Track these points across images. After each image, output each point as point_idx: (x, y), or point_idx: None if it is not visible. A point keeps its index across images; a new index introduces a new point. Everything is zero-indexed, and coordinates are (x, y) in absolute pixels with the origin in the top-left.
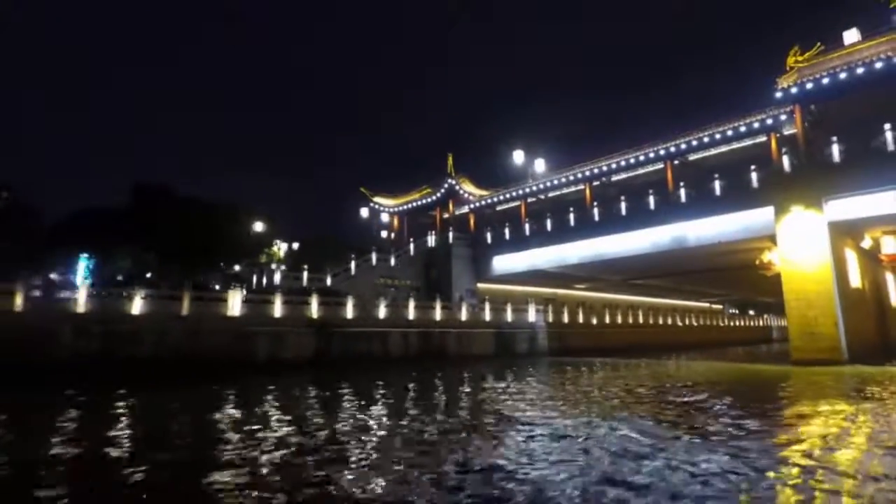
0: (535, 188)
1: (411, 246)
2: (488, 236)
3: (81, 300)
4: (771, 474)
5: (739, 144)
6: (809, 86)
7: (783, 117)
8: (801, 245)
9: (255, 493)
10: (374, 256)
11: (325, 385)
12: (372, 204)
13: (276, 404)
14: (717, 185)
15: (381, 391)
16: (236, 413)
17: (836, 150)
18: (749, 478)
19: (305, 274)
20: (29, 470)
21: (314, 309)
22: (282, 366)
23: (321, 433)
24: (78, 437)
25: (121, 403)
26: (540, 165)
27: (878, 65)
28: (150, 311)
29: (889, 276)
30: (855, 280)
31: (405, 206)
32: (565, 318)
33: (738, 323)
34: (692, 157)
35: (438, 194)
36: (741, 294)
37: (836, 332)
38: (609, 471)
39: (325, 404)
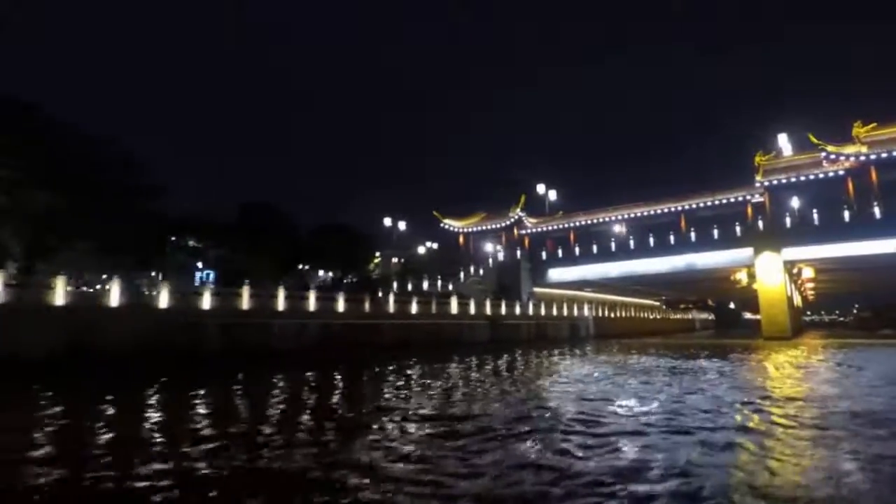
0: (582, 222)
1: (490, 260)
2: (543, 254)
3: (392, 303)
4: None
5: (728, 205)
6: (775, 182)
7: (757, 195)
8: (769, 273)
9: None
10: (472, 269)
11: (518, 354)
12: (443, 224)
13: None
14: (715, 232)
15: (556, 355)
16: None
17: (788, 221)
18: (750, 366)
19: (439, 281)
20: None
21: (488, 307)
22: (475, 345)
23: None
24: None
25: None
26: (552, 195)
27: (811, 177)
28: (419, 311)
29: (794, 288)
30: (790, 292)
31: (472, 229)
32: (601, 314)
33: (676, 316)
34: (696, 209)
35: (508, 222)
36: (701, 296)
37: (786, 321)
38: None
39: (529, 362)
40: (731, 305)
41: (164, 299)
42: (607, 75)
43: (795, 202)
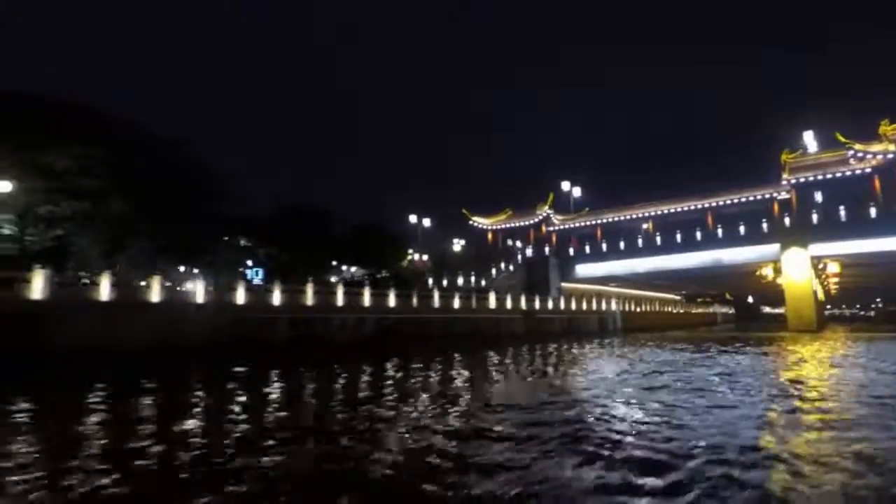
0: (609, 219)
1: (519, 257)
2: (570, 250)
3: (437, 299)
4: (786, 353)
5: (754, 202)
6: (802, 180)
7: (784, 192)
8: (796, 268)
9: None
10: (502, 265)
11: (557, 346)
12: (471, 221)
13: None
14: (741, 228)
15: (591, 346)
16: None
17: (815, 217)
18: (789, 357)
19: (473, 278)
20: None
21: (523, 302)
22: (512, 337)
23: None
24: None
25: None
26: (577, 193)
27: (837, 174)
28: (461, 306)
29: (817, 281)
30: (815, 286)
31: (500, 226)
32: (627, 308)
33: (698, 310)
34: (722, 207)
35: (536, 219)
36: (722, 290)
37: (812, 314)
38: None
39: (573, 352)
40: (749, 299)
41: (241, 296)
42: (636, 76)
43: (822, 199)
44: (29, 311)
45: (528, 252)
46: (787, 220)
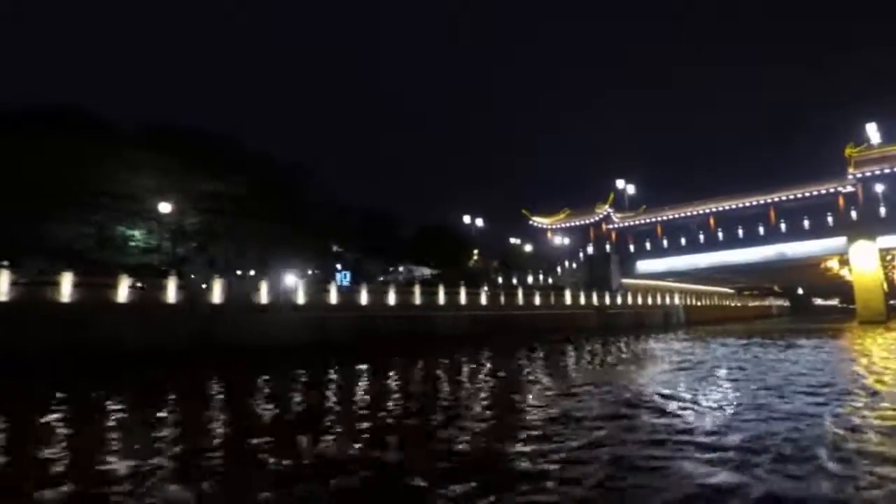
0: (669, 216)
1: (581, 255)
2: (631, 247)
3: (521, 296)
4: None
5: (818, 196)
6: (868, 174)
7: (849, 186)
8: (864, 260)
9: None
10: (566, 263)
11: (623, 339)
12: (531, 221)
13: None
14: (806, 222)
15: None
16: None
17: (882, 210)
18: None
19: (540, 276)
20: None
21: (595, 298)
22: (587, 330)
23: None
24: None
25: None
26: (634, 191)
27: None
28: (541, 302)
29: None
30: (881, 277)
31: (559, 225)
32: (689, 302)
33: (754, 303)
34: (785, 202)
35: (595, 218)
36: (777, 283)
37: (882, 305)
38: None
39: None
40: (799, 291)
41: (363, 297)
42: (697, 77)
43: (890, 191)
44: (205, 313)
45: (590, 249)
46: (853, 214)
